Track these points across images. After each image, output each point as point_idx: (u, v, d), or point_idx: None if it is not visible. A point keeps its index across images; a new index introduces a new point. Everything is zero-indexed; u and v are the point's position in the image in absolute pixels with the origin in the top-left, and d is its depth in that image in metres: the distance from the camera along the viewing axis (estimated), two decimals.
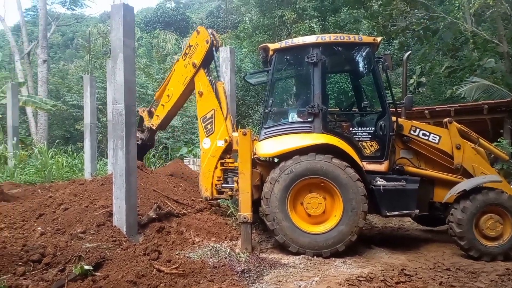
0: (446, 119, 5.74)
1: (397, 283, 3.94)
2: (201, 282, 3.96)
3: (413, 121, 5.76)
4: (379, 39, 5.68)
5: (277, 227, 5.05)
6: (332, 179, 5.01)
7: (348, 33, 5.79)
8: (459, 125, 5.71)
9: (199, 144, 14.36)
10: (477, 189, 5.04)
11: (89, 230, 4.91)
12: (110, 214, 5.31)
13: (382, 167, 5.41)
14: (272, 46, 5.82)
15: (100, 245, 4.49)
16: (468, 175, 5.48)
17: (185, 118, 15.88)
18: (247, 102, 20.78)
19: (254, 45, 19.57)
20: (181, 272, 4.07)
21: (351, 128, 5.60)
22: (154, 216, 5.62)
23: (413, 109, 6.48)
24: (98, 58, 22.16)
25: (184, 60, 6.91)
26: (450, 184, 5.35)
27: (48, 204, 5.60)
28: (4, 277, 3.73)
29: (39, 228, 4.87)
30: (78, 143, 17.08)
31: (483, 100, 10.35)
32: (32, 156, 12.24)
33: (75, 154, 12.90)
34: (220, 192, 6.38)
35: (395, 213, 5.25)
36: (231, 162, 6.41)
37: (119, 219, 5.13)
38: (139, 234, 5.26)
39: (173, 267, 4.14)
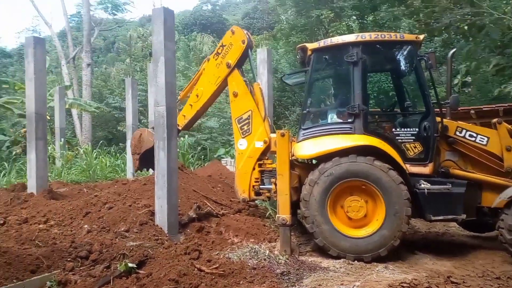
0: (495, 120, 5.44)
1: None
2: (241, 283, 3.97)
3: (459, 122, 5.52)
4: (421, 36, 5.49)
5: (317, 230, 4.98)
6: (374, 182, 4.88)
7: (388, 31, 5.61)
8: (510, 126, 5.42)
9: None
10: None
11: (133, 228, 5.06)
12: (152, 213, 5.45)
13: (427, 169, 5.21)
14: (311, 46, 5.74)
15: (143, 244, 4.62)
16: None
17: (222, 119, 16.05)
18: (283, 103, 20.74)
19: (291, 46, 19.50)
20: (221, 272, 4.10)
21: (393, 129, 5.42)
22: (194, 216, 5.72)
23: (458, 109, 6.19)
24: (139, 61, 22.84)
25: (216, 59, 6.83)
26: (499, 188, 5.08)
27: (94, 203, 5.82)
28: (55, 272, 3.91)
29: (86, 226, 5.08)
30: (120, 144, 17.64)
31: None
32: (78, 157, 12.78)
33: (117, 154, 13.36)
34: (257, 194, 6.36)
35: (440, 217, 5.04)
36: (269, 164, 6.39)
37: (161, 218, 5.26)
38: (179, 233, 5.37)
39: (214, 267, 4.17)
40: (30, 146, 7.13)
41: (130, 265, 3.99)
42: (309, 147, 5.38)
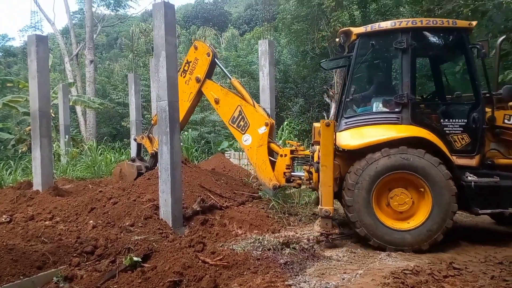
0: None
1: (445, 276, 3.81)
2: (245, 273, 4.01)
3: (506, 110, 5.32)
4: (474, 23, 5.29)
5: (359, 220, 4.87)
6: (423, 176, 4.75)
7: (436, 18, 5.30)
8: None
9: None
10: None
11: (137, 223, 5.12)
12: (157, 207, 5.51)
13: (473, 161, 5.07)
14: (356, 30, 5.49)
15: (148, 237, 4.67)
16: None
17: None
18: (286, 94, 20.69)
19: (293, 35, 19.37)
20: (225, 263, 4.14)
21: (441, 120, 5.20)
22: (198, 209, 5.78)
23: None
24: (141, 57, 22.86)
25: (184, 77, 6.95)
26: None
27: (99, 199, 5.88)
28: (61, 267, 3.98)
29: (91, 221, 5.15)
30: (124, 139, 17.74)
31: None
32: (83, 153, 12.89)
33: (122, 150, 13.45)
34: (288, 180, 6.36)
35: (488, 211, 4.92)
36: (302, 150, 6.44)
37: (165, 212, 5.32)
38: (184, 227, 5.43)
39: (218, 258, 4.22)
40: (35, 144, 7.20)
41: (135, 259, 4.03)
42: (354, 137, 5.18)
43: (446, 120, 5.16)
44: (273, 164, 6.45)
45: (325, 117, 19.22)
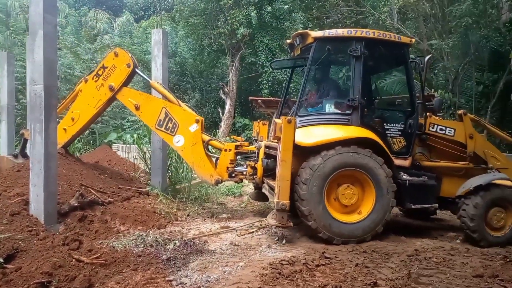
0: (461, 111, 6.16)
1: (317, 265, 4.13)
2: (124, 271, 3.86)
3: (431, 118, 6.03)
4: (413, 40, 5.87)
5: (312, 214, 5.07)
6: (370, 174, 5.18)
7: (385, 31, 5.83)
8: (472, 116, 6.20)
9: (129, 130, 13.91)
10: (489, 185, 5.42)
11: (1, 219, 4.56)
12: (27, 203, 4.97)
13: (406, 162, 5.71)
14: (314, 34, 5.73)
15: (14, 236, 4.20)
16: (479, 160, 6.01)
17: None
18: (182, 87, 20.39)
19: (190, 28, 19.16)
20: (102, 261, 3.95)
21: (384, 124, 5.76)
22: (76, 204, 5.35)
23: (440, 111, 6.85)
24: (19, 34, 20.39)
25: (96, 81, 6.49)
26: (457, 180, 5.78)
27: None
28: None
29: None
30: None
31: (403, 94, 11.11)
32: None
33: None
34: (231, 175, 6.35)
35: (419, 206, 5.58)
36: (246, 146, 6.43)
37: (37, 207, 4.82)
38: (59, 224, 4.99)
39: (94, 256, 4.00)
40: None
41: None
42: (309, 135, 5.38)
43: (388, 124, 5.76)
44: (210, 159, 6.41)
45: (220, 113, 19.46)
